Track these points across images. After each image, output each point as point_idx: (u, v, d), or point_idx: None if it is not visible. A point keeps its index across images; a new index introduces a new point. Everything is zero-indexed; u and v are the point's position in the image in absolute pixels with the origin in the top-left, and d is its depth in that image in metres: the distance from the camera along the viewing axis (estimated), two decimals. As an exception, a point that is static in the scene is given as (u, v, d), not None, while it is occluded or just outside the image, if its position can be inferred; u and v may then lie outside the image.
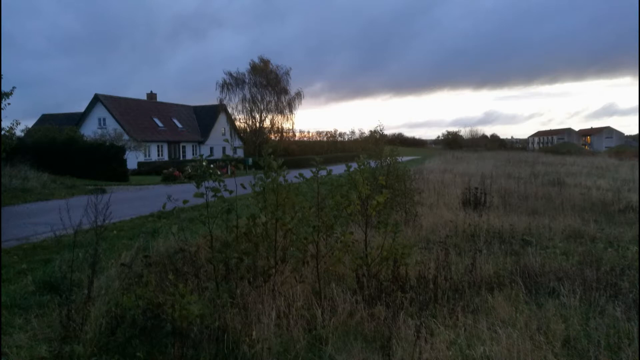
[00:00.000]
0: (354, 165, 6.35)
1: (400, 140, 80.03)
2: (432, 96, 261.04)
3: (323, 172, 5.79)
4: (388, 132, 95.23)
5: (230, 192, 5.35)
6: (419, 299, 5.24)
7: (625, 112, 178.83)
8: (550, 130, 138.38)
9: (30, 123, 53.00)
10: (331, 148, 67.13)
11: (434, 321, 4.62)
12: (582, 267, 6.80)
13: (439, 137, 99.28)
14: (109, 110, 46.39)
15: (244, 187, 5.50)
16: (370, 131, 22.32)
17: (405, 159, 27.81)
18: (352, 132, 76.69)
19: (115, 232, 10.47)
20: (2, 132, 20.01)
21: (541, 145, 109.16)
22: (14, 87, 18.45)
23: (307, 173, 5.80)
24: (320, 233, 5.37)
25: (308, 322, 4.66)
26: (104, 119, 46.41)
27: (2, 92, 17.75)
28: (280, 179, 5.62)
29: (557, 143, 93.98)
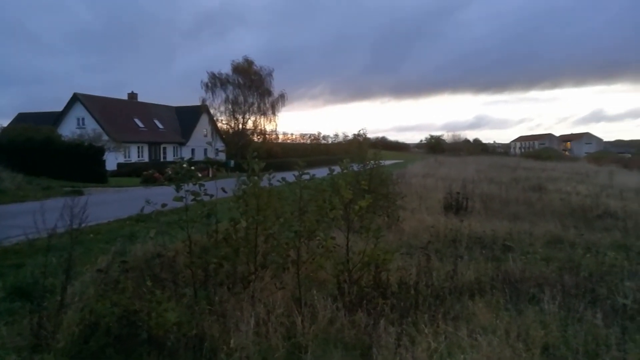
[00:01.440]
0: (337, 169, 6.31)
1: (383, 144, 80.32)
2: (430, 100, 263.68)
3: (306, 176, 5.73)
4: (374, 135, 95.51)
5: (211, 196, 5.25)
6: (400, 306, 5.20)
7: (612, 119, 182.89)
8: (532, 135, 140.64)
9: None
10: (315, 151, 67.13)
11: (415, 328, 4.58)
12: (562, 273, 6.84)
13: (421, 141, 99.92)
14: (88, 110, 45.65)
15: (225, 191, 5.40)
16: (354, 135, 22.34)
17: (388, 162, 27.93)
18: (336, 135, 76.79)
19: (91, 235, 10.24)
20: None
21: (523, 150, 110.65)
22: None
23: (290, 176, 5.73)
24: (301, 238, 5.30)
25: (288, 330, 4.59)
26: (83, 119, 45.66)
27: None
28: (264, 182, 5.55)
29: (539, 148, 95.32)
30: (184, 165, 5.26)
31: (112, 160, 38.35)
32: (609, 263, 7.83)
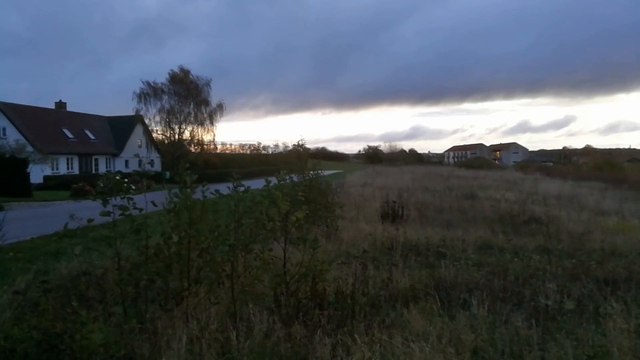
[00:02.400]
0: (274, 180, 6.26)
1: (323, 155, 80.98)
2: (369, 111, 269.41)
3: (241, 188, 5.64)
4: (314, 146, 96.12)
5: (140, 209, 5.05)
6: (337, 316, 5.22)
7: (536, 130, 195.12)
8: (464, 145, 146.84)
9: None
10: (255, 161, 66.60)
11: (350, 338, 4.60)
12: (491, 278, 7.15)
13: (360, 151, 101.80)
14: (9, 119, 42.73)
15: (155, 205, 5.21)
16: (294, 145, 22.38)
17: (327, 172, 28.15)
18: (276, 146, 76.59)
19: (11, 254, 9.54)
20: None
21: (456, 159, 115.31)
22: None
23: (228, 188, 5.63)
24: (236, 252, 5.20)
25: (222, 346, 4.47)
26: (4, 129, 42.69)
27: None
28: (198, 194, 5.40)
29: (471, 157, 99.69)
30: (117, 178, 5.03)
31: (37, 173, 36.09)
32: (533, 266, 8.27)
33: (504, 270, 7.62)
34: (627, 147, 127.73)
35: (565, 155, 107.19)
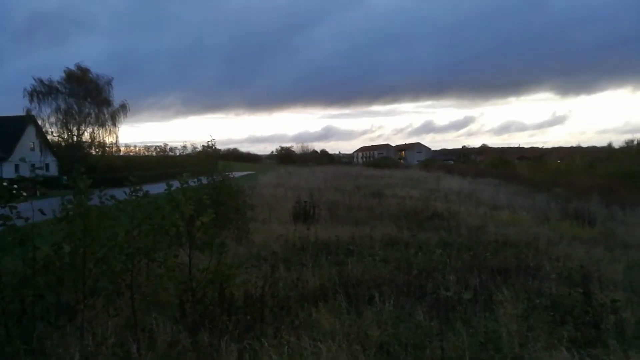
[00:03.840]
0: (177, 183, 6.01)
1: (234, 156, 79.72)
2: (282, 113, 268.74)
3: (140, 192, 5.34)
4: (225, 147, 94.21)
5: (27, 219, 4.61)
6: (246, 320, 5.12)
7: (439, 130, 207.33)
8: (372, 145, 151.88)
9: None
10: (162, 164, 63.87)
11: (259, 342, 4.54)
12: (397, 273, 7.42)
13: (272, 152, 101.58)
14: None
15: (43, 213, 4.78)
16: (203, 146, 21.70)
17: (239, 174, 27.74)
18: (184, 147, 74.05)
19: None
20: None
21: (364, 159, 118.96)
22: None
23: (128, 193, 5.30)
24: (136, 260, 4.92)
25: (122, 360, 4.20)
26: None
27: None
28: (95, 200, 5.03)
29: (378, 157, 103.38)
30: (5, 184, 4.55)
31: None
32: (436, 260, 8.72)
33: (409, 265, 7.95)
34: (517, 145, 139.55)
35: (464, 154, 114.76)
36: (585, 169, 44.20)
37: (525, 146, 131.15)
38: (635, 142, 53.42)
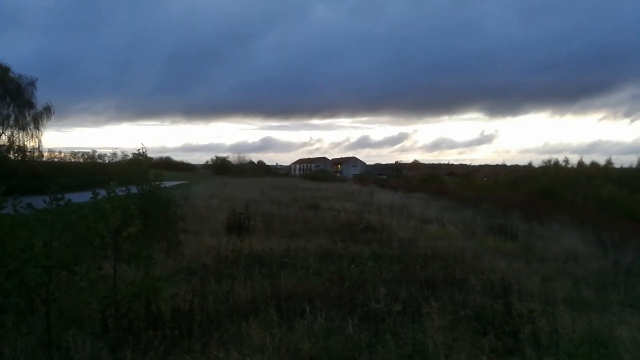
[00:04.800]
0: (103, 192, 5.73)
1: (167, 165, 77.44)
2: (221, 122, 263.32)
3: (62, 202, 5.03)
4: (158, 155, 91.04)
5: None
6: (173, 335, 4.94)
7: (374, 145, 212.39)
8: (309, 158, 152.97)
9: None
10: (90, 171, 60.72)
11: (186, 358, 4.38)
12: (330, 285, 7.46)
13: (207, 162, 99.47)
14: None
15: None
16: (133, 154, 20.85)
17: (171, 184, 26.94)
18: (114, 154, 70.75)
19: None
20: None
21: (301, 172, 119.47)
22: None
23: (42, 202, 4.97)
24: (54, 273, 4.61)
25: (33, 382, 3.90)
26: None
27: None
28: (8, 209, 4.68)
29: (315, 170, 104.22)
30: None
31: None
32: (368, 272, 8.86)
33: (341, 277, 8.02)
34: (447, 162, 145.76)
35: (397, 169, 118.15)
36: (508, 186, 46.85)
37: (455, 163, 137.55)
38: (552, 163, 57.32)
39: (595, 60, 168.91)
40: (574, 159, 55.24)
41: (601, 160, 51.86)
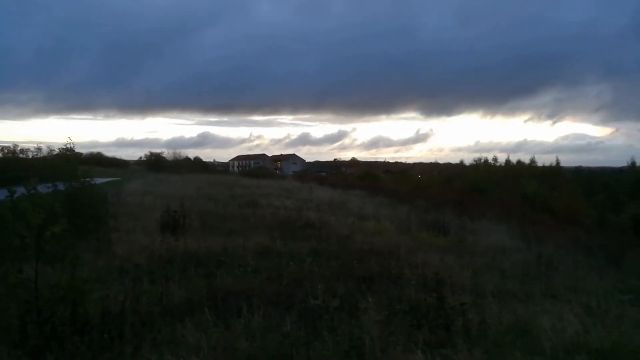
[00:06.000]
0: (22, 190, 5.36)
1: (98, 160, 73.94)
2: (159, 117, 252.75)
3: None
4: (88, 150, 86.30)
5: None
6: (102, 339, 4.70)
7: (315, 142, 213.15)
8: (248, 155, 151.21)
9: None
10: (11, 167, 56.71)
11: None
12: (268, 283, 7.40)
13: (141, 158, 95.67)
14: None
15: None
16: (60, 149, 19.68)
17: (102, 180, 25.73)
18: (39, 149, 66.53)
19: None
20: None
21: (240, 168, 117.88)
22: None
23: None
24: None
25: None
26: None
27: None
28: None
29: (254, 167, 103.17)
30: None
31: None
32: (306, 269, 8.88)
33: (279, 274, 7.99)
34: (383, 160, 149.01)
35: (336, 167, 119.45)
36: (442, 184, 48.74)
37: (391, 161, 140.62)
38: (482, 161, 60.18)
39: (523, 65, 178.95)
40: (502, 158, 58.12)
41: (526, 159, 54.99)
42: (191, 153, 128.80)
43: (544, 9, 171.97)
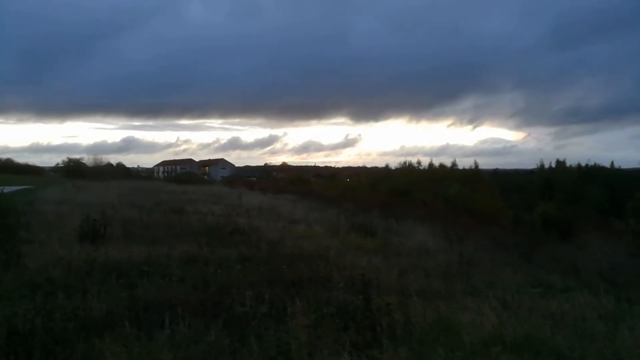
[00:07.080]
0: None
1: (8, 167, 68.90)
2: (78, 121, 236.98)
3: None
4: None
5: None
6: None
7: (245, 147, 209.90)
8: (174, 160, 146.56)
9: None
10: None
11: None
12: (194, 292, 7.19)
13: (58, 164, 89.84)
14: None
15: None
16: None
17: (12, 189, 23.90)
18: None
19: None
20: None
21: (166, 174, 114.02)
22: None
23: None
24: None
25: None
26: None
27: None
28: None
29: (180, 172, 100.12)
30: None
31: None
32: (235, 275, 8.73)
33: (206, 283, 7.79)
34: (313, 164, 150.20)
35: (266, 171, 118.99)
36: (369, 187, 49.88)
37: (321, 165, 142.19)
38: (407, 165, 62.44)
39: (446, 73, 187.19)
40: (426, 161, 60.84)
41: (448, 162, 57.76)
42: (114, 159, 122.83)
43: (466, 21, 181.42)
